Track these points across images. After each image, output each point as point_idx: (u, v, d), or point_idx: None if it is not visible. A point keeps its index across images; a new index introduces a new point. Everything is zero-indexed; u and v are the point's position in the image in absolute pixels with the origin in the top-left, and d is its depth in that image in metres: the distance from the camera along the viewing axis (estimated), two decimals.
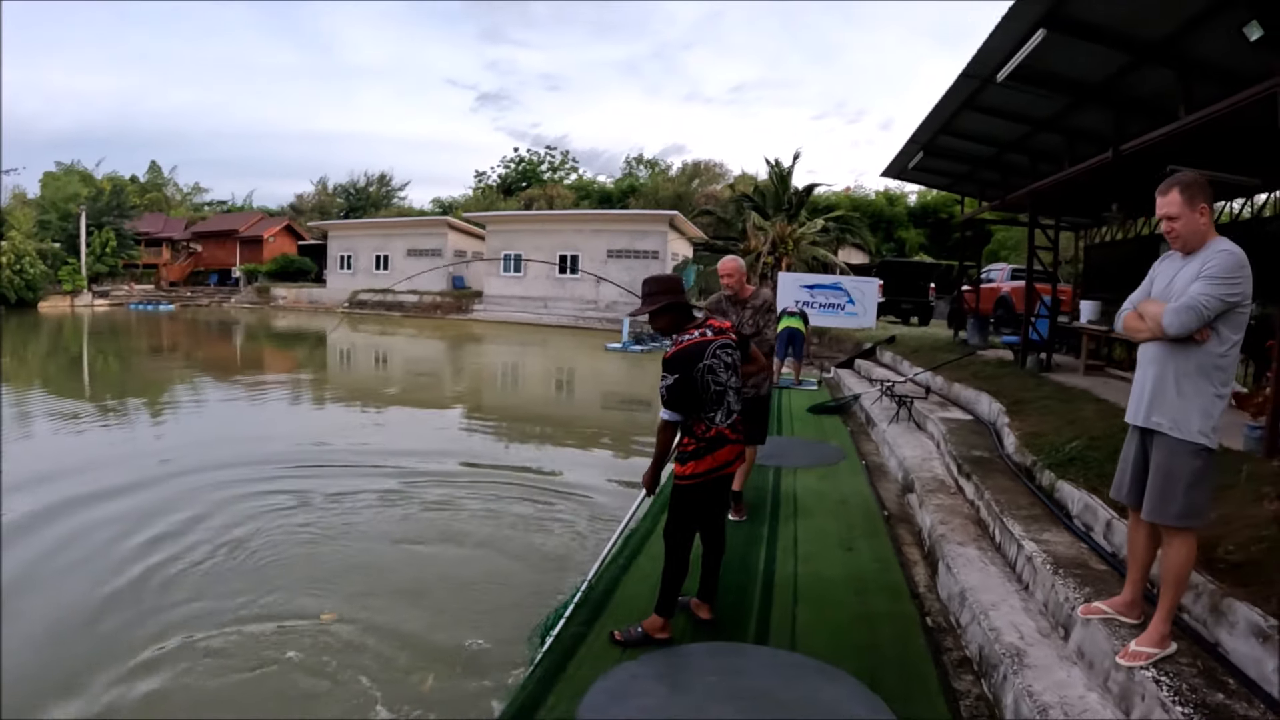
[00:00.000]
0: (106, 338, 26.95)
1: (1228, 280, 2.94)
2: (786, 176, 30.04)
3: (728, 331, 4.04)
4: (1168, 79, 7.31)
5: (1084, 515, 4.78)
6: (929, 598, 4.70)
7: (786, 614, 4.36)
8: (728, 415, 3.94)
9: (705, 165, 62.23)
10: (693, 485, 3.96)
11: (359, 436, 10.47)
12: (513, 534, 6.33)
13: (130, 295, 46.50)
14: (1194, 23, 6.47)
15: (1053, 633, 3.81)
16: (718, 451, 3.93)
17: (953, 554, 4.83)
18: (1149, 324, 3.15)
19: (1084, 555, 4.32)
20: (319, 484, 7.54)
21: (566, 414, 14.02)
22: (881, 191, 53.07)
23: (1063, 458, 5.65)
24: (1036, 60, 7.50)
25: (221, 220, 60.29)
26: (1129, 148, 8.10)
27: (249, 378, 17.15)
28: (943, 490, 6.37)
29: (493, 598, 5.07)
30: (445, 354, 24.12)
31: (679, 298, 4.02)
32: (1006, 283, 18.92)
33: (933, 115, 10.45)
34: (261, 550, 5.80)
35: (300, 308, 44.89)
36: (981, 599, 4.16)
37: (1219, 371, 3.04)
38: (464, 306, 39.53)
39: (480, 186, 68.59)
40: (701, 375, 3.82)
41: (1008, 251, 32.33)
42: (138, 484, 7.57)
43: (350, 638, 4.47)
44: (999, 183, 12.89)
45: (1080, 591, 3.80)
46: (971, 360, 12.01)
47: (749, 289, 5.79)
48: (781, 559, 5.17)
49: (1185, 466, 3.04)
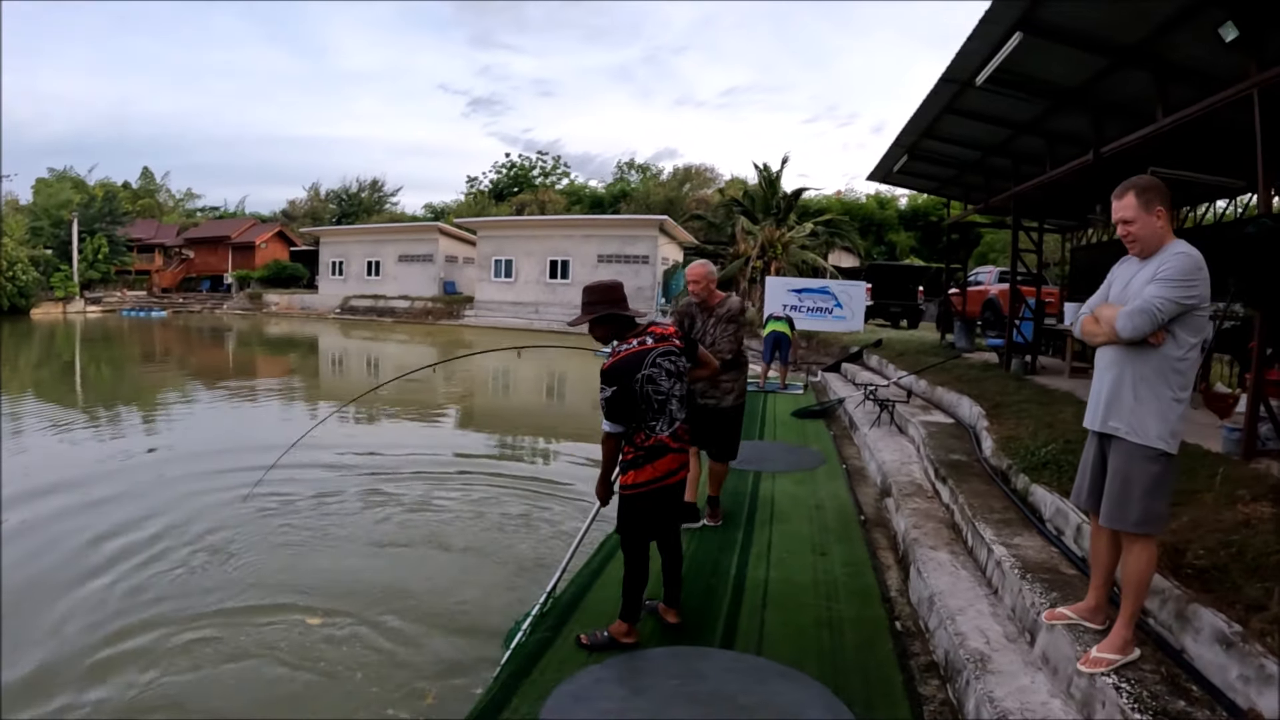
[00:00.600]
0: (99, 345, 26.82)
1: (1183, 282, 2.91)
2: (775, 181, 30.11)
3: (671, 338, 3.93)
4: (1146, 82, 7.32)
5: (1056, 519, 4.76)
6: (900, 602, 4.66)
7: (754, 618, 4.32)
8: (670, 423, 3.84)
9: (696, 170, 62.33)
10: (634, 495, 3.88)
11: (348, 440, 10.42)
12: (499, 535, 6.38)
13: (123, 301, 46.49)
14: (1169, 25, 6.49)
15: (1019, 638, 3.78)
16: (658, 461, 3.84)
17: (924, 558, 4.80)
18: (1104, 328, 3.12)
19: (1054, 560, 4.30)
20: (305, 487, 7.52)
21: (556, 416, 14.02)
22: (872, 195, 53.16)
23: (1037, 461, 5.63)
24: (1014, 64, 7.53)
25: (213, 226, 60.20)
26: (1109, 150, 8.11)
27: (240, 383, 17.08)
28: (919, 494, 6.34)
29: (476, 600, 5.07)
30: (437, 359, 24.07)
31: (615, 307, 3.92)
32: (994, 285, 18.93)
33: (915, 119, 10.47)
34: (242, 553, 5.83)
35: (292, 314, 44.84)
36: (950, 603, 4.13)
37: (1177, 375, 3.00)
38: (455, 312, 39.55)
39: (472, 192, 68.60)
40: (641, 385, 3.74)
41: (996, 254, 32.43)
42: (124, 492, 7.55)
43: (335, 638, 4.50)
44: (983, 186, 12.92)
45: (1047, 596, 3.78)
46: (956, 363, 12.01)
47: (718, 295, 5.64)
48: (754, 564, 5.14)
49: (1143, 472, 3.01)
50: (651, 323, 4.02)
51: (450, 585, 5.32)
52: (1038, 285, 12.55)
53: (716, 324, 5.47)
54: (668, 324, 4.14)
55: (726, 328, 5.46)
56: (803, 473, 7.78)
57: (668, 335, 3.92)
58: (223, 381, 17.50)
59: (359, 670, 4.16)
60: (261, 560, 5.71)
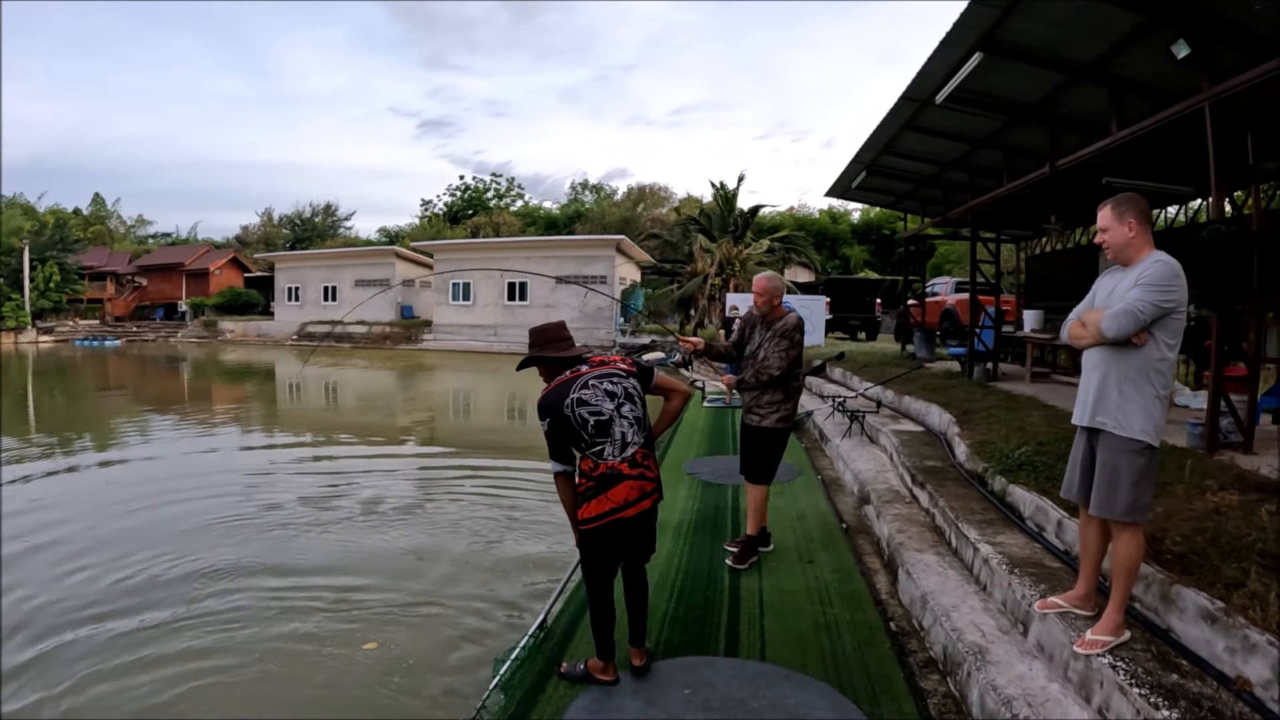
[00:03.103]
0: (52, 377, 26.15)
1: (1163, 287, 3.14)
2: (732, 198, 30.48)
3: (612, 363, 3.79)
4: (1100, 97, 7.62)
5: (1036, 516, 4.94)
6: (891, 604, 4.80)
7: (754, 626, 4.41)
8: (622, 448, 3.58)
9: (650, 189, 62.87)
10: (589, 531, 3.61)
11: (313, 469, 10.36)
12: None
13: (75, 331, 45.68)
14: (1124, 43, 6.76)
15: (1012, 629, 3.94)
16: (611, 490, 3.54)
17: (912, 561, 4.95)
18: (1090, 330, 3.33)
19: (1038, 554, 4.48)
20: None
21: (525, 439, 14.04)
22: (825, 210, 54.04)
23: (1012, 463, 5.83)
24: (974, 82, 7.77)
25: (166, 253, 59.37)
26: (1064, 163, 8.42)
27: (198, 416, 16.81)
28: (898, 500, 6.52)
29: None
30: (398, 385, 23.89)
31: (548, 349, 3.82)
32: (951, 295, 19.37)
33: (874, 136, 10.74)
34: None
35: (249, 340, 44.20)
36: (942, 601, 4.28)
37: (1158, 375, 3.22)
38: (414, 336, 39.31)
39: (427, 215, 68.41)
40: (573, 409, 3.55)
41: (951, 265, 33.08)
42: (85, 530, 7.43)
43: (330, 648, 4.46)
44: (941, 200, 13.27)
45: (1036, 589, 3.94)
46: (920, 373, 12.27)
47: (780, 311, 5.40)
48: (746, 574, 5.23)
49: (1129, 463, 3.20)
50: (590, 355, 3.89)
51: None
52: (996, 294, 12.89)
53: (771, 338, 5.28)
54: (611, 356, 3.96)
55: (779, 343, 5.23)
56: (779, 485, 7.87)
57: (607, 363, 3.80)
58: (177, 411, 17.21)
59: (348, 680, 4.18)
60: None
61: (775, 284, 5.43)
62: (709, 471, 8.39)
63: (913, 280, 17.01)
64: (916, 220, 16.10)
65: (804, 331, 5.44)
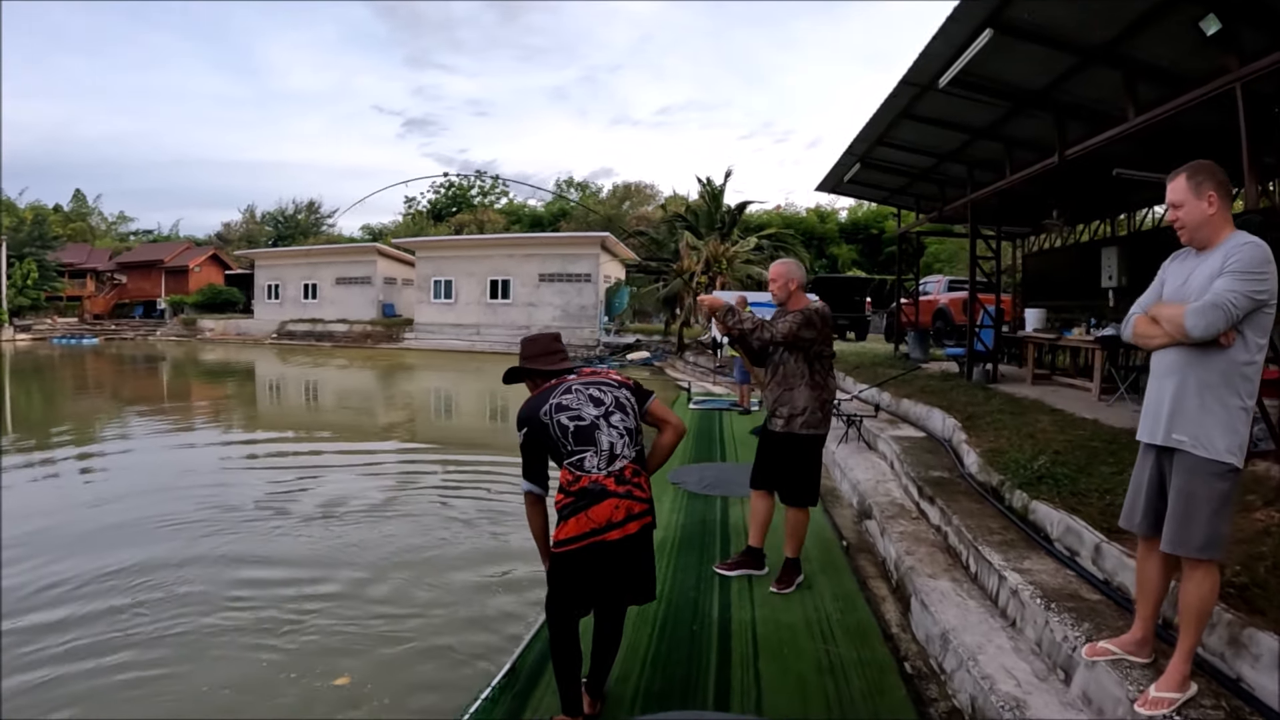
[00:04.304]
0: (29, 376, 25.30)
1: (1255, 275, 2.59)
2: (719, 195, 29.91)
3: (603, 374, 3.38)
4: (1110, 83, 7.15)
5: (1066, 539, 4.39)
6: (903, 638, 4.23)
7: (748, 670, 3.80)
8: (608, 460, 3.04)
9: (636, 187, 62.40)
10: (561, 555, 3.05)
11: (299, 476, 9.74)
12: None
13: (53, 329, 44.82)
14: (1144, 21, 6.27)
15: (1050, 675, 3.39)
16: (593, 508, 2.97)
17: (925, 588, 4.39)
18: (1166, 328, 2.76)
19: (1073, 584, 3.93)
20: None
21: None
22: (812, 209, 53.64)
23: (1031, 476, 5.29)
24: (978, 65, 7.28)
25: (146, 250, 58.46)
26: (1074, 152, 7.93)
27: (175, 417, 16.14)
28: (903, 515, 5.95)
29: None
30: (380, 386, 23.26)
31: (538, 361, 3.46)
32: (944, 294, 18.90)
33: (870, 126, 10.21)
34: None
35: (228, 339, 43.41)
36: (965, 640, 3.72)
37: (1245, 381, 2.67)
38: (395, 335, 38.67)
39: (410, 212, 67.68)
40: (550, 415, 3.11)
41: (941, 264, 32.66)
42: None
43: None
44: (937, 195, 12.76)
45: (1078, 628, 3.40)
46: (917, 375, 11.76)
47: (803, 300, 4.81)
48: (736, 603, 4.62)
49: (1210, 489, 2.65)
50: (585, 369, 3.47)
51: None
52: (997, 293, 12.40)
53: (787, 315, 4.68)
54: (605, 370, 3.56)
55: (794, 316, 4.63)
56: None
57: (598, 373, 3.40)
58: (155, 416, 16.52)
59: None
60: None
61: (791, 268, 4.87)
62: (696, 481, 7.73)
63: (906, 279, 16.48)
64: (909, 216, 15.62)
65: (829, 323, 4.79)
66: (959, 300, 17.97)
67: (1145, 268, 10.52)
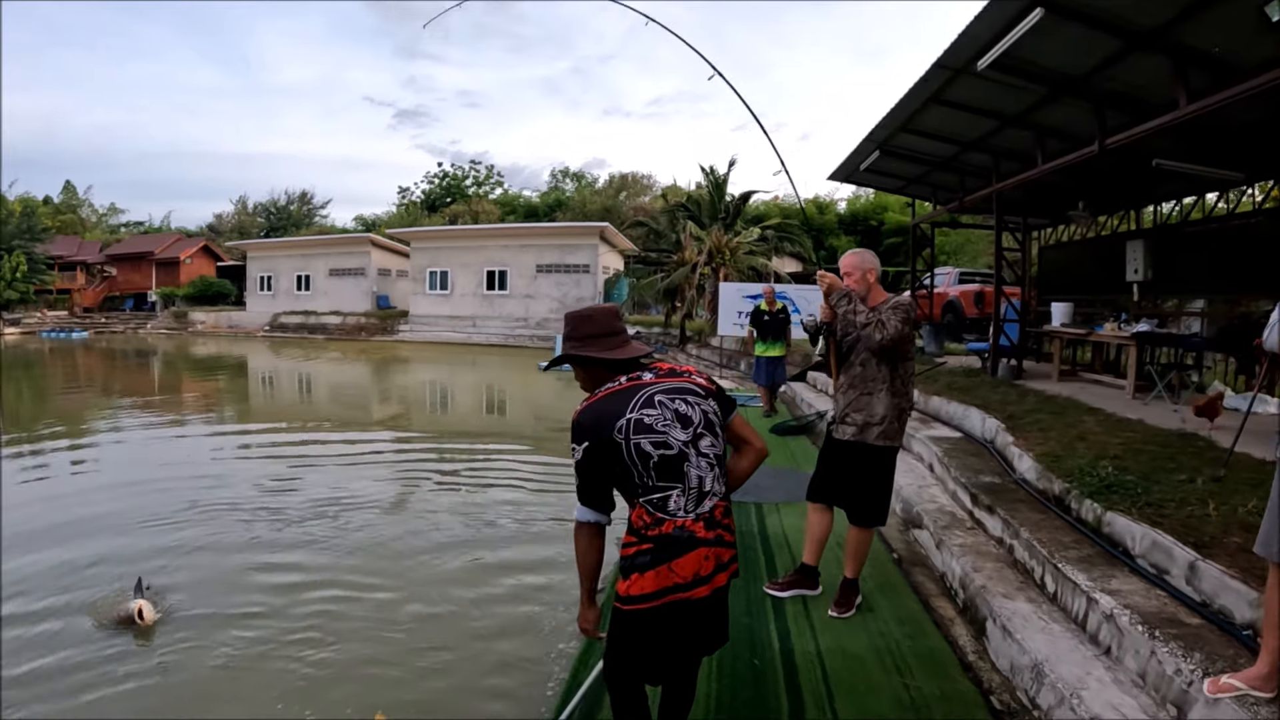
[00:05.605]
0: (19, 370, 24.78)
1: None
2: (722, 185, 29.47)
3: (687, 374, 2.66)
4: (1155, 69, 6.82)
5: (1151, 555, 4.05)
6: (982, 668, 3.88)
7: (824, 712, 3.41)
8: (697, 500, 2.45)
9: (633, 177, 61.81)
10: (631, 614, 2.46)
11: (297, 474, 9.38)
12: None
13: (43, 322, 44.40)
14: (1196, 6, 5.92)
15: (1159, 712, 3.06)
16: (678, 560, 2.41)
17: (1003, 611, 4.04)
18: None
19: (1169, 607, 3.59)
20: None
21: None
22: (810, 199, 53.14)
23: (1099, 484, 4.93)
24: (1018, 47, 6.93)
25: (136, 242, 57.66)
26: (1115, 141, 7.59)
27: (169, 415, 15.73)
28: (958, 525, 5.58)
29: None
30: (377, 380, 22.87)
31: (595, 345, 2.65)
32: (954, 287, 18.56)
33: (896, 111, 9.82)
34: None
35: (220, 332, 42.89)
36: (1063, 673, 3.37)
37: None
38: (389, 327, 38.26)
39: (404, 203, 67.10)
40: (627, 435, 2.43)
41: (946, 255, 32.29)
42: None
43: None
44: (956, 185, 12.39)
45: (1190, 659, 3.06)
46: (939, 370, 11.43)
47: (881, 294, 4.37)
48: (795, 630, 4.24)
49: None
50: (660, 361, 2.77)
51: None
52: (1024, 286, 12.07)
53: (886, 311, 4.17)
54: (684, 364, 2.84)
55: (896, 313, 4.14)
56: (799, 504, 6.89)
57: (679, 372, 2.65)
58: (146, 413, 16.11)
59: None
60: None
61: (867, 258, 4.43)
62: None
63: (921, 271, 16.13)
64: (924, 207, 15.26)
65: (915, 322, 4.31)
66: (970, 293, 17.65)
67: (1171, 261, 10.24)
